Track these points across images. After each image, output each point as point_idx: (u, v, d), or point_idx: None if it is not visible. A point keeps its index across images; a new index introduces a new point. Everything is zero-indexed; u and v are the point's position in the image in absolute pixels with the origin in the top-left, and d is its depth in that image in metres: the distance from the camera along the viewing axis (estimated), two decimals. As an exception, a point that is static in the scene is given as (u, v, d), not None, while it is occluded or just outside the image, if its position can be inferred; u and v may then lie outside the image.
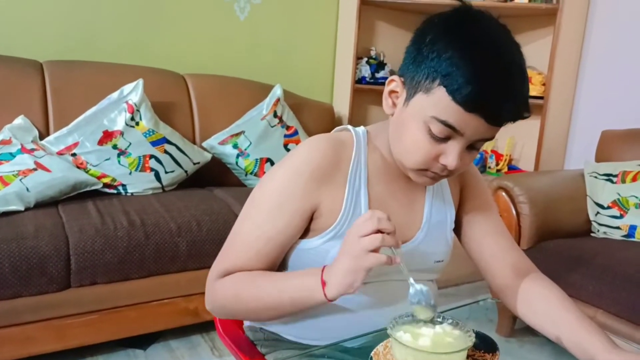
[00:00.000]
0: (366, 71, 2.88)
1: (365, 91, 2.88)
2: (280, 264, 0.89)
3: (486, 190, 1.01)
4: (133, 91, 2.09)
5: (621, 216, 1.95)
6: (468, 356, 0.74)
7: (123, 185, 1.99)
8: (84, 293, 1.64)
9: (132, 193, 2.00)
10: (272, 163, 2.30)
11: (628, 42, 2.57)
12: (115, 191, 1.99)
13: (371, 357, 0.75)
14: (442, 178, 0.84)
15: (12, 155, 1.81)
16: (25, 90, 2.02)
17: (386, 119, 0.89)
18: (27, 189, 1.73)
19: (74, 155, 1.95)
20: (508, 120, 0.76)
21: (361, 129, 0.91)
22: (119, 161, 1.99)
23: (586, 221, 2.03)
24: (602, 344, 0.78)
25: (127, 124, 2.03)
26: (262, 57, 2.77)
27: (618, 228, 1.95)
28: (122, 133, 2.02)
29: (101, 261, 1.62)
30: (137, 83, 2.10)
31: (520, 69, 0.75)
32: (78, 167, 1.92)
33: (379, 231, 0.72)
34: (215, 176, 2.31)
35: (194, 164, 2.19)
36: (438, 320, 0.76)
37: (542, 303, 0.89)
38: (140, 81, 2.11)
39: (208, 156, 2.26)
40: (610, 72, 2.65)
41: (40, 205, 1.75)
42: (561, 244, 1.90)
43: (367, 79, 2.88)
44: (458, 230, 0.99)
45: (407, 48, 0.80)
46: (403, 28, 3.02)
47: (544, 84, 2.69)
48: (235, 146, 2.28)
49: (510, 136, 2.95)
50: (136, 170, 2.01)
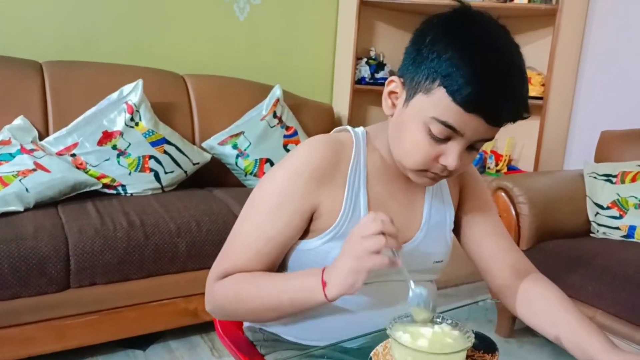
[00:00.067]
0: (366, 72, 2.88)
1: (364, 92, 2.88)
2: (280, 265, 0.89)
3: (485, 190, 1.02)
4: (133, 92, 2.09)
5: (620, 216, 1.95)
6: (467, 356, 0.74)
7: (122, 185, 1.99)
8: (84, 294, 1.64)
9: (132, 193, 2.00)
10: (272, 163, 2.30)
11: (627, 43, 2.57)
12: (114, 192, 1.99)
13: (370, 358, 0.75)
14: (442, 178, 0.84)
15: (12, 155, 1.81)
16: (24, 90, 2.02)
17: (386, 120, 0.89)
18: (27, 190, 1.73)
19: (74, 155, 1.95)
20: (508, 120, 0.76)
21: (360, 130, 0.91)
22: (119, 162, 1.99)
23: (585, 222, 2.03)
24: (601, 345, 0.78)
25: (127, 125, 2.03)
26: (262, 58, 2.77)
27: (617, 228, 1.95)
28: (122, 133, 2.02)
29: (101, 262, 1.62)
30: (137, 83, 2.10)
31: (519, 70, 0.75)
32: (77, 168, 1.92)
33: (382, 233, 0.72)
34: (214, 177, 2.31)
35: (194, 165, 2.19)
36: (437, 320, 0.76)
37: (542, 303, 0.89)
38: (139, 82, 2.11)
39: (207, 157, 2.26)
40: (609, 73, 2.65)
41: (39, 205, 1.75)
42: (560, 245, 1.90)
43: (367, 80, 2.88)
44: (457, 230, 0.99)
45: (407, 49, 0.80)
46: (402, 28, 3.02)
47: (544, 85, 2.70)
48: (234, 147, 2.28)
49: (509, 136, 2.95)
50: (136, 170, 2.01)
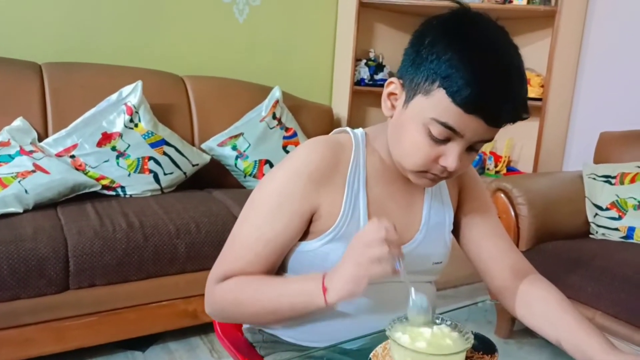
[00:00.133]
0: (365, 73, 2.88)
1: (364, 93, 2.88)
2: (279, 266, 0.89)
3: (485, 192, 1.02)
4: (132, 93, 2.09)
5: (620, 218, 1.95)
6: (467, 358, 0.74)
7: (122, 187, 1.99)
8: (83, 295, 1.64)
9: (131, 195, 2.00)
10: (271, 165, 2.30)
11: (626, 44, 2.57)
12: (114, 193, 1.98)
13: (370, 359, 0.75)
14: (442, 179, 0.84)
15: (11, 157, 1.81)
16: (24, 92, 2.02)
17: (385, 121, 0.89)
18: (26, 191, 1.72)
19: (73, 157, 1.95)
20: (507, 121, 0.76)
21: (360, 131, 0.91)
22: (118, 163, 1.99)
23: (585, 223, 2.03)
24: (601, 346, 0.78)
25: (126, 126, 2.03)
26: (261, 59, 2.77)
27: (616, 229, 1.95)
28: (121, 135, 2.02)
29: (100, 263, 1.62)
30: (136, 85, 2.10)
31: (519, 71, 0.75)
32: (77, 169, 1.92)
33: (385, 241, 0.71)
34: (214, 178, 2.31)
35: (193, 166, 2.19)
36: (437, 321, 0.76)
37: (541, 305, 0.89)
38: (139, 83, 2.11)
39: (207, 158, 2.26)
40: (608, 74, 2.66)
41: (38, 207, 1.74)
42: (560, 246, 1.90)
43: (366, 81, 2.88)
44: (457, 232, 0.99)
45: (406, 50, 0.80)
46: (402, 30, 3.02)
47: (543, 86, 2.70)
48: (234, 148, 2.28)
49: (508, 138, 2.95)
50: (135, 172, 2.01)
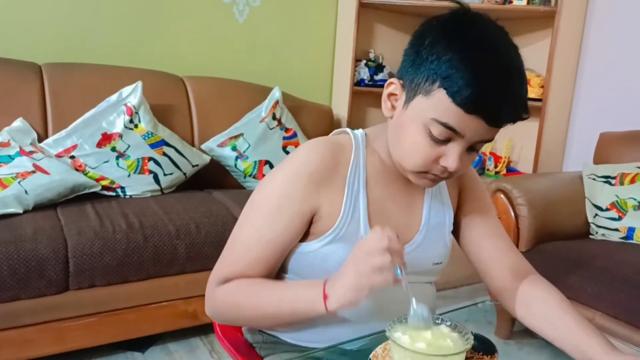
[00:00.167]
0: (365, 73, 2.88)
1: (364, 93, 2.88)
2: (280, 267, 0.89)
3: (484, 192, 1.02)
4: (132, 93, 2.09)
5: (619, 218, 1.95)
6: (467, 358, 0.74)
7: (122, 187, 1.99)
8: (83, 296, 1.64)
9: (131, 195, 2.00)
10: (271, 165, 2.30)
11: (626, 45, 2.57)
12: (113, 194, 1.98)
13: (370, 359, 0.75)
14: (442, 180, 0.84)
15: (11, 157, 1.81)
16: (23, 92, 2.02)
17: (385, 121, 0.89)
18: (26, 192, 1.72)
19: (73, 157, 1.95)
20: (508, 121, 0.76)
21: (359, 132, 0.91)
22: (118, 163, 1.99)
23: (585, 223, 2.03)
24: (601, 346, 0.78)
25: (126, 127, 2.03)
26: (261, 60, 2.77)
27: (616, 230, 1.95)
28: (121, 135, 2.02)
29: (100, 264, 1.62)
30: (136, 85, 2.10)
31: (519, 71, 0.76)
32: (77, 170, 1.92)
33: (387, 250, 0.71)
34: (214, 178, 2.31)
35: (193, 167, 2.19)
36: (437, 322, 0.76)
37: (541, 305, 0.89)
38: (139, 83, 2.11)
39: (207, 158, 2.26)
40: (608, 74, 2.66)
41: (38, 207, 1.74)
42: (560, 246, 1.90)
43: (366, 81, 2.88)
44: (457, 232, 0.99)
45: (406, 50, 0.80)
46: (402, 30, 3.02)
47: (543, 86, 2.70)
48: (234, 148, 2.27)
49: (508, 138, 2.95)
50: (135, 172, 2.01)
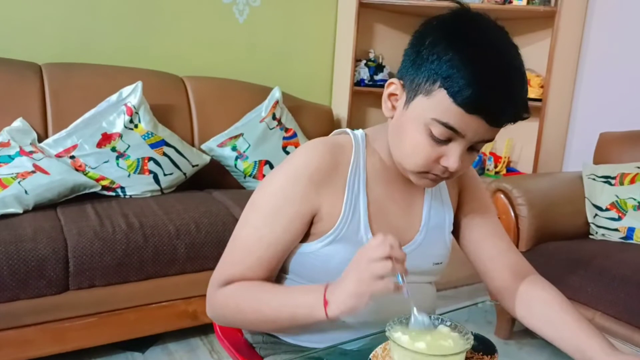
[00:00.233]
0: (365, 73, 2.88)
1: (364, 93, 2.88)
2: (280, 268, 0.89)
3: (484, 192, 1.02)
4: (132, 94, 2.09)
5: (619, 218, 1.95)
6: (467, 358, 0.74)
7: (122, 187, 1.99)
8: (83, 296, 1.64)
9: (131, 195, 2.00)
10: (271, 165, 2.30)
11: (626, 45, 2.57)
12: (113, 194, 1.98)
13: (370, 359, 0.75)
14: (443, 180, 0.84)
15: (11, 157, 1.81)
16: (23, 92, 2.02)
17: (385, 121, 0.89)
18: (26, 192, 1.72)
19: (73, 157, 1.95)
20: (508, 121, 0.76)
21: (359, 132, 0.91)
22: (118, 164, 1.99)
23: (584, 223, 2.03)
24: (600, 347, 0.78)
25: (126, 127, 2.03)
26: (261, 60, 2.77)
27: (616, 230, 1.95)
28: (121, 135, 2.02)
29: (100, 264, 1.62)
30: (136, 85, 2.10)
31: (519, 71, 0.76)
32: (77, 170, 1.92)
33: (389, 257, 0.71)
34: (214, 179, 2.31)
35: (193, 167, 2.19)
36: (436, 322, 0.76)
37: (541, 305, 0.89)
38: (139, 84, 2.11)
39: (207, 158, 2.26)
40: (608, 75, 2.66)
41: (38, 207, 1.74)
42: (559, 246, 1.90)
43: (366, 82, 2.88)
44: (457, 232, 0.99)
45: (406, 51, 0.80)
46: (402, 30, 3.02)
47: (543, 86, 2.70)
48: (234, 148, 2.28)
49: (508, 138, 2.95)
50: (135, 172, 2.01)
